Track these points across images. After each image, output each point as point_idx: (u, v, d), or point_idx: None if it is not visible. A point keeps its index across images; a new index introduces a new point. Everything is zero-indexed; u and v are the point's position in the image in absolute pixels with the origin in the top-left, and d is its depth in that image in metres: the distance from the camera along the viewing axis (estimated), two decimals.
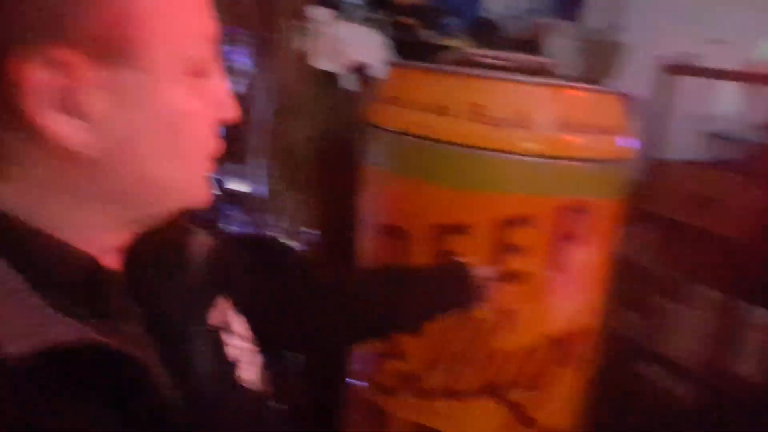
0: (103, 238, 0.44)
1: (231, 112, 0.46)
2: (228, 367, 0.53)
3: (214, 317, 0.54)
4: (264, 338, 0.58)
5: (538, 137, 0.82)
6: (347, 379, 1.09)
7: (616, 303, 1.30)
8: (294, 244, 1.24)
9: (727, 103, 2.17)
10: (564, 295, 0.89)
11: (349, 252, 1.06)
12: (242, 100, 1.24)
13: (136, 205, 0.43)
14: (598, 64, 1.93)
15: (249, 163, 1.15)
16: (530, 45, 1.81)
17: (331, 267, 0.92)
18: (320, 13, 1.28)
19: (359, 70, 1.33)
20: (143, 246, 0.48)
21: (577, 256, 0.87)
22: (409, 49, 1.42)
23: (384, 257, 0.95)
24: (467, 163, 0.84)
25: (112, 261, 0.46)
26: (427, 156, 0.87)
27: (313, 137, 1.24)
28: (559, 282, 0.87)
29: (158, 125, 0.41)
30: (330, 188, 1.23)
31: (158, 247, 0.49)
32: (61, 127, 0.37)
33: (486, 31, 1.87)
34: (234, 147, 1.18)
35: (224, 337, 0.55)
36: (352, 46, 1.33)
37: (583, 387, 1.02)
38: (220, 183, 1.19)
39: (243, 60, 1.16)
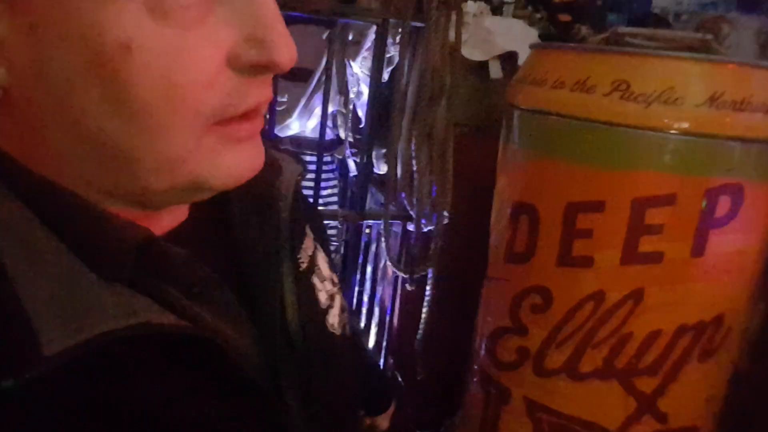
0: (146, 208, 0.37)
1: (275, 54, 0.31)
2: (320, 315, 0.49)
3: (303, 258, 0.49)
4: None
5: (687, 114, 0.78)
6: (472, 353, 1.13)
7: None
8: (432, 226, 1.30)
9: None
10: (702, 282, 0.83)
11: (482, 236, 1.09)
12: (391, 86, 1.34)
13: (115, 179, 0.34)
14: None
15: (393, 147, 1.24)
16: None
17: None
18: (473, 6, 1.33)
19: (508, 59, 1.36)
20: (224, 193, 0.40)
21: (723, 242, 0.82)
22: None
23: (513, 237, 0.97)
24: (608, 140, 0.83)
25: (171, 225, 0.40)
26: (567, 134, 0.87)
27: (456, 123, 1.29)
28: (699, 268, 0.82)
29: (82, 64, 0.29)
30: (469, 173, 1.28)
31: (243, 190, 0.40)
32: None
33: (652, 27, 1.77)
34: (381, 130, 1.28)
35: (314, 280, 0.50)
36: (503, 37, 1.36)
37: (722, 385, 0.94)
38: (368, 164, 1.29)
39: (394, 48, 1.25)
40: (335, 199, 1.83)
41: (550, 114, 0.88)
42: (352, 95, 1.42)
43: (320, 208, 1.57)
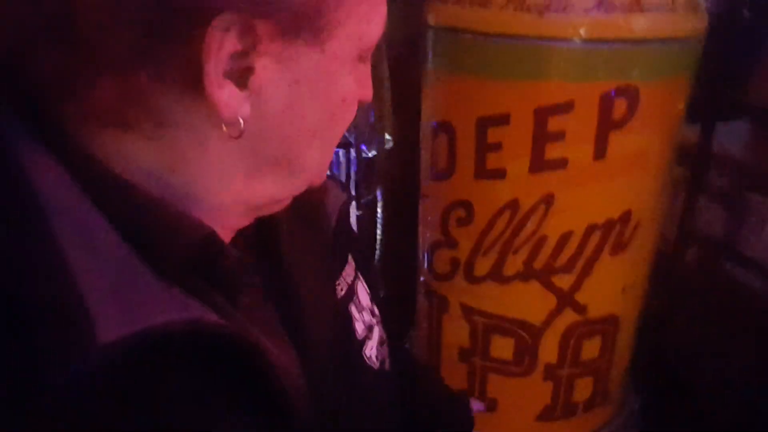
0: (225, 220, 0.41)
1: (369, 93, 0.43)
2: (356, 346, 0.49)
3: (342, 286, 0.50)
4: None
5: (578, 20, 0.80)
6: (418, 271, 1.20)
7: (702, 198, 1.22)
8: (373, 150, 1.34)
9: None
10: (606, 183, 0.88)
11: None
12: None
13: (267, 188, 0.40)
14: None
15: None
16: None
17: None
18: None
19: None
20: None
21: (623, 143, 0.86)
22: None
23: (436, 154, 1.01)
24: (507, 53, 0.85)
25: (228, 239, 0.42)
26: (471, 49, 0.89)
27: (390, 43, 1.29)
28: (602, 169, 0.87)
29: (321, 110, 0.38)
30: (402, 95, 1.29)
31: (295, 204, 0.44)
32: (227, 95, 0.33)
33: None
34: None
35: (352, 309, 0.50)
36: None
37: (638, 275, 1.01)
38: None
39: None
40: None
41: (455, 30, 0.89)
42: None
43: None
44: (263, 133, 0.37)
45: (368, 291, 0.54)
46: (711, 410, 1.21)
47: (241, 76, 0.34)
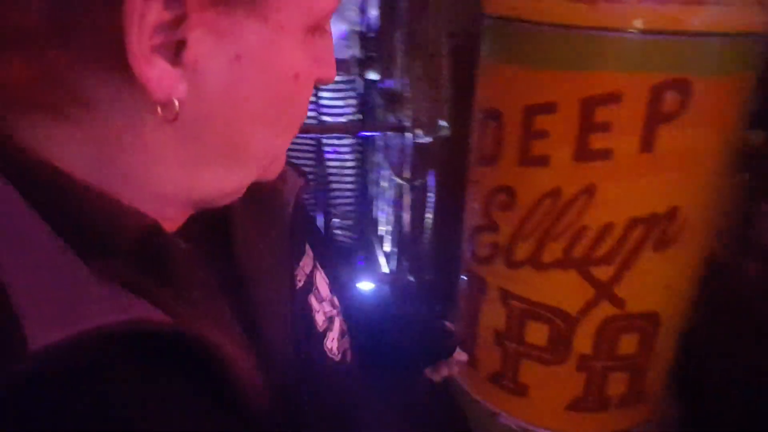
0: (168, 212, 0.38)
1: (331, 73, 0.40)
2: (316, 338, 0.47)
3: (300, 277, 0.47)
4: None
5: (632, 12, 0.80)
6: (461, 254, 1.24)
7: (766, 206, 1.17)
8: (428, 137, 1.38)
9: None
10: (652, 176, 0.88)
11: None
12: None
13: (213, 178, 0.37)
14: None
15: (390, 59, 1.30)
16: None
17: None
18: None
19: None
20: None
21: (672, 137, 0.85)
22: None
23: (484, 141, 1.04)
24: (557, 42, 0.86)
25: (173, 227, 0.39)
26: (523, 39, 0.91)
27: (451, 33, 1.33)
28: (648, 162, 0.87)
29: (268, 87, 0.35)
30: (460, 82, 1.32)
31: (249, 191, 0.41)
32: (158, 73, 0.30)
33: None
34: (378, 44, 1.33)
35: (312, 301, 0.48)
36: None
37: (683, 275, 1.00)
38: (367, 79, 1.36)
39: None
40: (356, 117, 1.92)
41: (508, 19, 0.92)
42: (353, 14, 1.48)
43: (332, 120, 1.68)
44: (204, 115, 0.33)
45: (327, 281, 0.51)
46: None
47: (173, 51, 0.30)
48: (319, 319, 0.48)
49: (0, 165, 0.31)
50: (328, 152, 1.61)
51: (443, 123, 1.36)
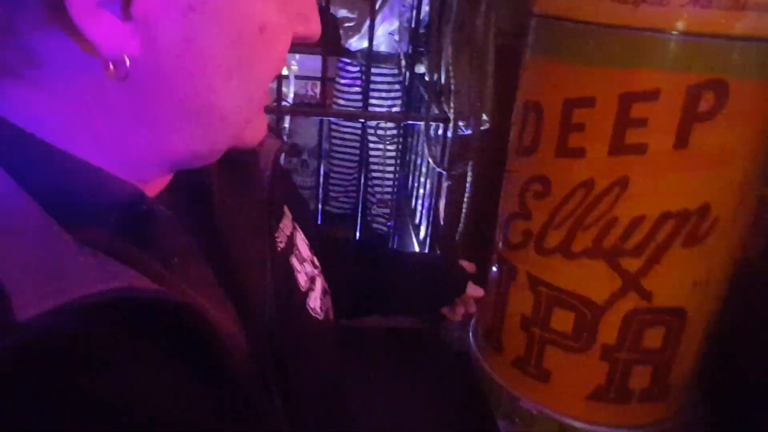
0: (145, 177, 0.37)
1: (314, 27, 0.38)
2: (299, 298, 0.47)
3: (281, 238, 0.47)
4: None
5: (673, 14, 0.84)
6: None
7: None
8: (470, 128, 1.43)
9: None
10: (685, 172, 0.91)
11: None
12: None
13: (183, 140, 0.35)
14: None
15: (436, 52, 1.36)
16: None
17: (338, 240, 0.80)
18: None
19: None
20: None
21: (707, 135, 0.88)
22: None
23: (522, 132, 1.08)
24: (599, 40, 0.91)
25: (153, 192, 0.39)
26: (566, 36, 0.96)
27: (499, 30, 1.37)
28: (682, 159, 0.90)
29: (227, 40, 0.33)
30: (503, 78, 1.37)
31: (226, 155, 0.40)
32: (105, 28, 0.28)
33: None
34: (427, 39, 1.39)
35: (293, 261, 0.49)
36: None
37: (713, 272, 1.02)
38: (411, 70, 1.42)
39: None
40: (399, 109, 1.99)
41: (554, 18, 0.96)
42: (402, 7, 1.54)
43: (379, 110, 1.76)
44: (161, 72, 0.32)
45: (307, 242, 0.52)
46: None
47: (121, 5, 0.29)
48: (301, 279, 0.48)
49: None
50: (372, 140, 1.68)
51: (485, 117, 1.41)
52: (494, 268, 1.27)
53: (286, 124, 2.13)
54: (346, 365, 0.53)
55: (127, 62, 0.30)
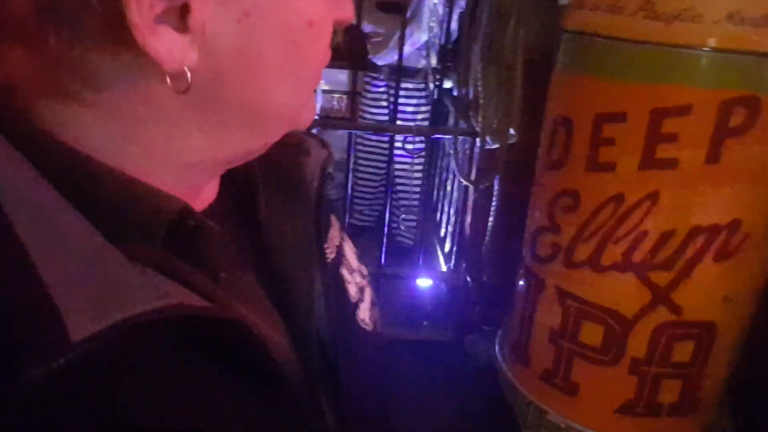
0: (195, 181, 0.38)
1: (349, 12, 0.38)
2: (350, 309, 0.47)
3: (331, 249, 0.47)
4: None
5: (706, 31, 0.85)
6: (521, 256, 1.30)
7: None
8: (497, 143, 1.45)
9: None
10: (716, 187, 0.92)
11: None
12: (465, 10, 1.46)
13: (239, 140, 0.36)
14: None
15: (464, 68, 1.38)
16: None
17: None
18: None
19: None
20: (252, 171, 0.42)
21: (738, 151, 0.89)
22: None
23: (552, 146, 1.10)
24: (632, 56, 0.92)
25: (202, 206, 0.39)
26: (599, 52, 0.98)
27: (528, 48, 1.40)
28: (713, 174, 0.91)
29: (281, 40, 0.33)
30: (532, 97, 1.39)
31: (273, 167, 0.42)
32: (166, 43, 0.29)
33: None
34: (455, 54, 1.42)
35: (343, 272, 0.48)
36: None
37: (744, 287, 1.02)
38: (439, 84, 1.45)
39: None
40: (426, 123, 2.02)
41: (586, 34, 0.99)
42: (432, 24, 1.57)
43: (406, 123, 1.79)
44: (219, 79, 0.32)
45: (356, 251, 0.52)
46: None
47: (178, 18, 0.30)
48: (352, 290, 0.48)
49: (26, 154, 0.31)
50: (398, 154, 1.71)
51: (513, 132, 1.42)
52: (521, 281, 1.28)
53: None
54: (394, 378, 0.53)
55: (188, 75, 0.31)
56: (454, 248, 1.73)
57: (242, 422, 0.35)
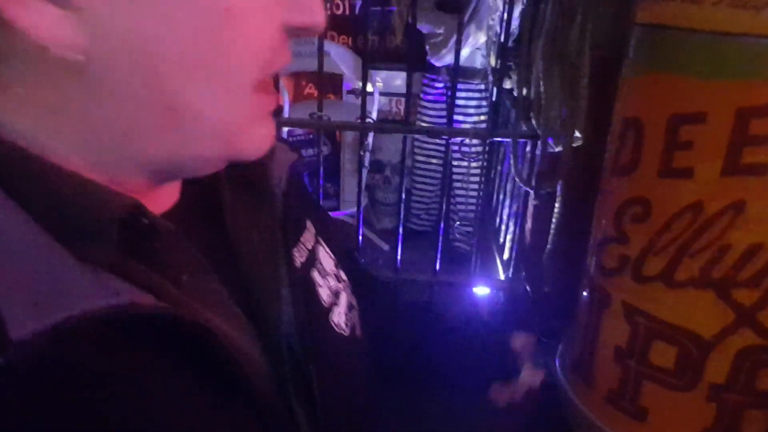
0: (141, 182, 0.35)
1: (315, 17, 0.33)
2: (321, 314, 0.46)
3: (301, 252, 0.46)
4: None
5: None
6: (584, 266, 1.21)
7: None
8: (560, 146, 1.37)
9: None
10: None
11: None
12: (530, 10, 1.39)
13: (160, 145, 0.33)
14: None
15: (525, 67, 1.31)
16: None
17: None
18: None
19: None
20: (216, 174, 0.39)
21: None
22: None
23: (620, 150, 1.01)
24: (714, 50, 0.83)
25: (162, 208, 0.38)
26: (674, 46, 0.89)
27: (596, 45, 1.31)
28: None
29: (186, 24, 0.29)
30: (598, 93, 1.30)
31: (236, 169, 0.40)
32: (39, 17, 0.26)
33: None
34: (516, 53, 1.35)
35: (315, 276, 0.47)
36: None
37: None
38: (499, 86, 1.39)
39: None
40: (485, 125, 1.95)
41: (660, 27, 0.90)
42: (492, 22, 1.51)
43: (463, 126, 1.74)
44: (118, 68, 0.29)
45: (332, 256, 0.50)
46: None
47: None
48: (324, 294, 0.47)
49: None
50: (455, 157, 1.66)
51: (578, 134, 1.34)
52: (584, 294, 1.19)
53: (370, 140, 2.15)
54: (376, 382, 0.51)
55: (77, 57, 0.27)
56: (513, 256, 1.65)
57: (197, 425, 0.33)
